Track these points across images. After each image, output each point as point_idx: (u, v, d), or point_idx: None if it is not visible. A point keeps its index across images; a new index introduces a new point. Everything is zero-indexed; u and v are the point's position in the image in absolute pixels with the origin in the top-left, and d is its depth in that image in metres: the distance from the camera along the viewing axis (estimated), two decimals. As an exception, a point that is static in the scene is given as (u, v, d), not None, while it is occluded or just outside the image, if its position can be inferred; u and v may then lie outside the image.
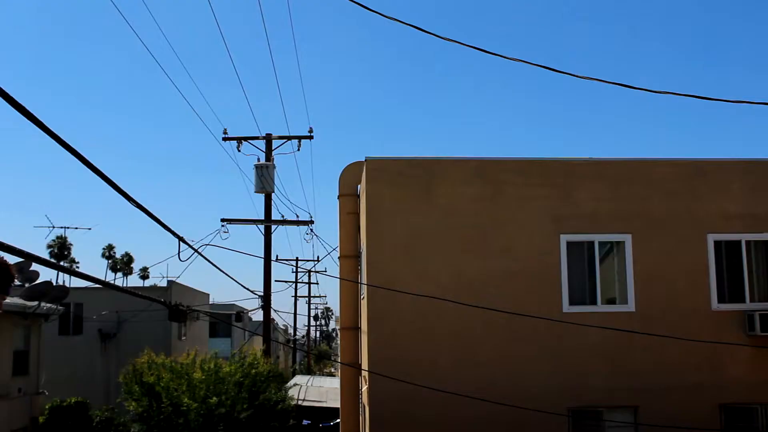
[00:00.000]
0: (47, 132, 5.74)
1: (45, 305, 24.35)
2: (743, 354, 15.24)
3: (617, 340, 14.75)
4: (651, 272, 15.46)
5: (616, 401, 15.16)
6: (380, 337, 15.14)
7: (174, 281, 36.04)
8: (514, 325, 14.66)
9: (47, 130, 5.73)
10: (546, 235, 15.46)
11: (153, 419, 19.82)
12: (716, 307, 15.54)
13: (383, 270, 15.19)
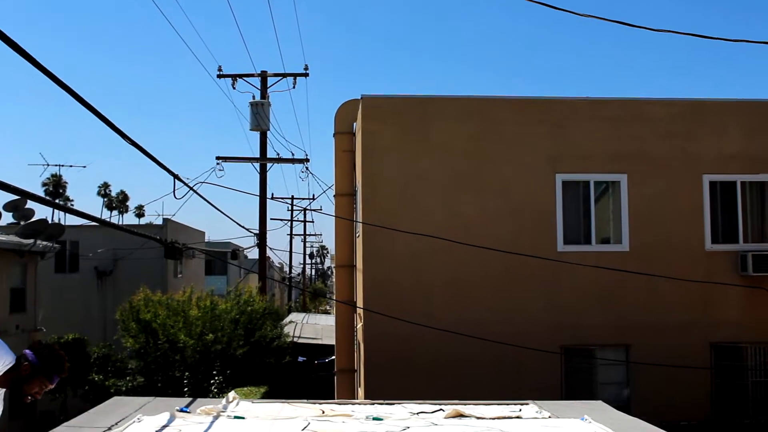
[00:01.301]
0: (37, 66, 5.67)
1: (41, 243, 24.39)
2: (735, 294, 15.37)
3: (611, 279, 14.85)
4: (646, 212, 15.50)
5: (608, 339, 15.33)
6: (375, 275, 15.22)
7: (169, 219, 36.05)
8: (509, 264, 14.73)
9: (37, 64, 5.65)
10: (541, 174, 15.44)
11: (150, 355, 20.03)
12: (710, 247, 15.62)
13: (378, 208, 15.20)
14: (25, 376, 4.39)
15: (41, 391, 4.48)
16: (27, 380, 4.41)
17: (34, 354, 4.45)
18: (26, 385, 4.41)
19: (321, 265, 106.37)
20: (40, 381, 4.45)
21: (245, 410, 9.57)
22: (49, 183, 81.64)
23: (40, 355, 4.47)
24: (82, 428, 8.18)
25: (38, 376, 4.43)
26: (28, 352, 4.44)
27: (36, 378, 4.42)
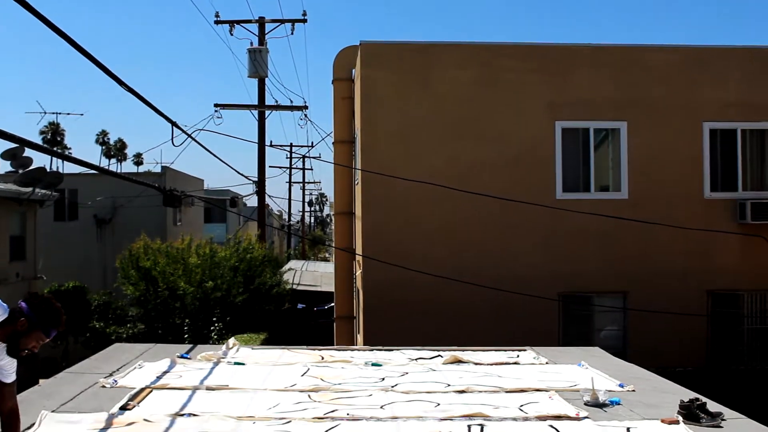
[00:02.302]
0: (32, 12, 5.59)
1: (39, 191, 24.35)
2: (733, 242, 15.42)
3: (609, 227, 14.86)
4: (645, 160, 15.46)
5: (606, 287, 15.40)
6: (374, 223, 15.24)
7: (168, 167, 35.97)
8: (508, 211, 14.73)
9: (32, 10, 5.57)
10: (541, 121, 15.37)
11: (150, 303, 20.15)
12: (709, 195, 15.62)
13: (377, 155, 15.16)
14: (21, 330, 4.35)
15: (38, 345, 4.44)
16: (24, 335, 4.37)
17: (29, 308, 4.38)
18: (23, 339, 4.37)
19: (320, 212, 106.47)
20: (37, 335, 4.40)
21: (245, 356, 9.66)
22: (47, 131, 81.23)
23: (36, 309, 4.40)
24: (84, 374, 8.25)
25: (35, 330, 4.38)
26: (23, 305, 4.37)
27: (33, 332, 4.38)
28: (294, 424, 6.29)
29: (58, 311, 4.44)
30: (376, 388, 7.77)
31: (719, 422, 6.38)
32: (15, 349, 4.38)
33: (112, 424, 6.17)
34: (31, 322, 4.33)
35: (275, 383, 7.90)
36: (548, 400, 7.24)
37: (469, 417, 6.59)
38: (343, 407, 6.87)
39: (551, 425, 6.33)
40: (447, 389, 7.74)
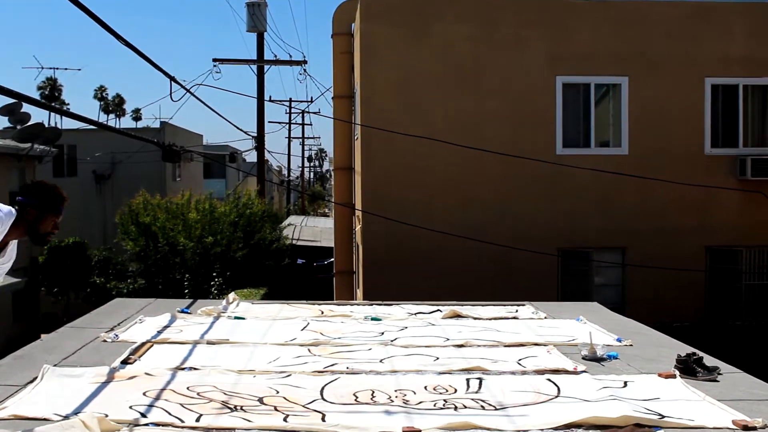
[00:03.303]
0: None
1: (38, 147, 24.29)
2: (732, 198, 15.42)
3: (609, 182, 14.85)
4: (646, 116, 15.40)
5: (605, 242, 15.44)
6: (373, 177, 15.22)
7: (167, 122, 35.81)
8: (508, 166, 14.71)
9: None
10: (542, 76, 15.28)
11: (150, 258, 20.20)
12: (709, 151, 15.59)
13: (377, 110, 15.10)
14: (34, 220, 4.46)
15: (57, 225, 4.56)
16: (38, 222, 4.49)
17: (28, 196, 4.49)
18: (40, 227, 4.48)
19: (319, 168, 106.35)
20: (50, 217, 4.51)
21: (245, 311, 9.70)
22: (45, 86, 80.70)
23: (35, 194, 4.50)
24: (85, 329, 8.30)
25: (45, 214, 4.49)
26: (22, 199, 4.47)
27: (45, 216, 4.49)
28: (294, 378, 6.34)
29: (53, 187, 4.56)
30: (376, 342, 7.81)
31: (716, 376, 6.42)
32: (38, 237, 4.52)
33: (114, 378, 6.22)
34: (38, 207, 4.45)
35: (275, 337, 7.95)
36: (546, 355, 7.29)
37: (467, 371, 6.64)
38: (342, 361, 6.92)
39: (549, 379, 6.38)
40: (446, 343, 7.79)
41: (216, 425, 5.08)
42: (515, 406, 5.64)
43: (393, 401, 5.73)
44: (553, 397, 5.92)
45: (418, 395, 5.90)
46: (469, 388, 6.15)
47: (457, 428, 5.10)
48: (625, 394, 5.91)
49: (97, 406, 5.41)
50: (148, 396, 5.75)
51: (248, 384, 6.10)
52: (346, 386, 6.08)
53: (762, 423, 5.17)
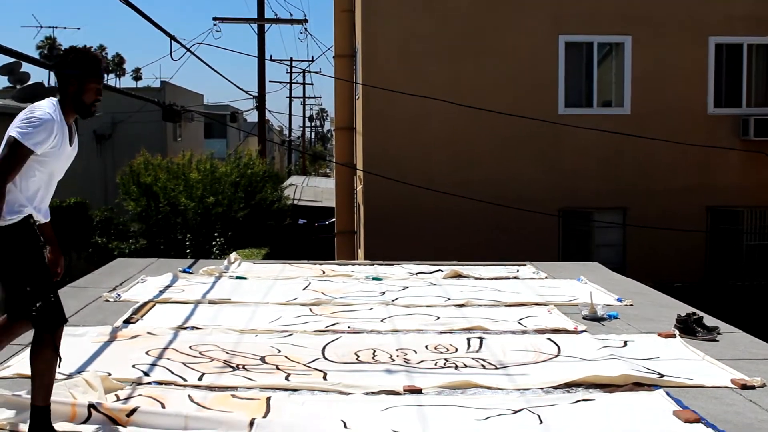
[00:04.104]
0: None
1: (38, 106, 24.16)
2: (734, 158, 15.37)
3: (611, 142, 14.79)
4: (649, 75, 15.29)
5: (606, 202, 15.43)
6: (375, 137, 15.17)
7: (167, 82, 35.59)
8: (509, 126, 14.64)
9: None
10: (544, 35, 15.15)
11: (152, 218, 20.20)
12: (712, 111, 15.51)
13: (378, 70, 15.00)
14: (76, 90, 4.16)
15: (100, 92, 4.24)
16: (81, 93, 4.17)
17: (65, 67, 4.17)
18: (83, 97, 4.17)
19: (320, 128, 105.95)
20: (93, 83, 4.19)
21: (246, 270, 9.74)
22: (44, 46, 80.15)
23: (72, 64, 4.16)
24: (87, 288, 8.34)
25: (87, 81, 4.17)
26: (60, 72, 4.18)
27: (86, 85, 4.17)
28: (295, 337, 6.38)
29: (87, 51, 4.23)
30: (377, 301, 7.86)
31: (715, 336, 6.46)
32: (85, 109, 4.20)
33: (117, 337, 6.26)
34: (78, 76, 4.14)
35: (277, 297, 7.99)
36: (547, 314, 7.33)
37: (468, 330, 6.68)
38: (343, 320, 6.96)
39: (549, 338, 6.42)
40: (447, 303, 7.83)
41: (218, 384, 5.12)
42: (515, 365, 5.68)
43: (394, 360, 5.78)
44: (554, 356, 5.96)
45: (419, 354, 5.94)
46: (469, 347, 6.19)
47: (457, 387, 5.15)
48: (625, 353, 5.95)
49: (100, 365, 5.45)
50: (150, 355, 5.79)
51: (250, 343, 6.14)
52: (348, 345, 6.13)
53: (760, 382, 5.21)
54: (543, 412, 4.67)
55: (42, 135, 3.98)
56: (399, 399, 4.90)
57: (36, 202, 4.14)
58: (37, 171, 4.09)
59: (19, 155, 3.96)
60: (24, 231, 4.04)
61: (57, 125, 4.05)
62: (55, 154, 4.11)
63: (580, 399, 4.92)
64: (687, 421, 4.51)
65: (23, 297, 3.97)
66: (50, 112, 4.05)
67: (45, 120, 4.00)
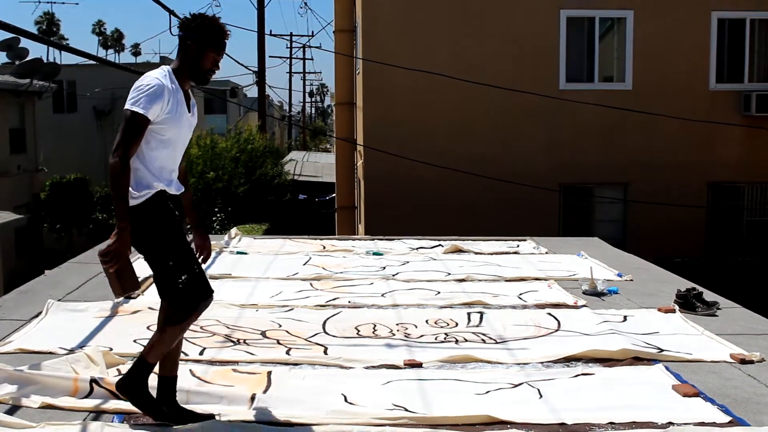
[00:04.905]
0: None
1: (37, 82, 24.12)
2: (736, 134, 15.33)
3: (612, 118, 14.76)
4: (651, 50, 15.21)
5: (607, 178, 15.41)
6: (375, 113, 15.13)
7: (166, 57, 35.54)
8: (510, 101, 14.59)
9: None
10: (546, 10, 15.05)
11: (152, 194, 20.22)
12: (714, 86, 15.44)
13: (379, 44, 14.93)
14: (195, 56, 4.06)
15: (216, 63, 4.15)
16: (199, 59, 4.07)
17: (187, 29, 4.07)
18: (201, 64, 4.08)
19: (321, 103, 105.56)
20: (212, 52, 4.09)
21: (247, 245, 9.75)
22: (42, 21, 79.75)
23: (195, 29, 4.07)
24: (88, 264, 8.35)
25: (206, 49, 4.07)
26: (182, 33, 4.08)
27: (206, 52, 4.07)
28: (296, 312, 6.40)
29: (213, 19, 4.15)
30: (377, 276, 7.87)
31: (714, 311, 6.48)
32: (200, 75, 4.11)
33: (118, 312, 6.28)
34: (197, 40, 4.04)
35: (277, 272, 8.00)
36: (547, 289, 7.35)
37: (468, 305, 6.70)
38: (344, 295, 6.98)
39: (549, 313, 6.44)
40: (447, 278, 7.85)
41: (219, 358, 5.15)
42: (516, 340, 5.70)
43: (394, 335, 5.80)
44: (554, 330, 5.98)
45: (420, 329, 5.96)
46: (470, 322, 6.21)
47: (457, 361, 5.17)
48: (625, 328, 5.97)
49: (102, 340, 5.48)
50: (151, 330, 5.79)
51: (251, 318, 6.16)
52: (348, 320, 6.15)
53: (759, 357, 5.24)
54: (543, 386, 4.69)
55: (154, 101, 3.90)
56: (399, 373, 4.92)
57: (165, 175, 4.04)
58: (157, 141, 3.99)
59: (135, 126, 3.88)
60: (158, 206, 3.96)
61: (168, 90, 3.96)
62: (172, 121, 4.01)
63: (579, 373, 4.94)
64: (686, 395, 4.53)
65: (167, 272, 3.94)
66: (159, 77, 3.98)
67: (153, 85, 3.93)
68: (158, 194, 3.98)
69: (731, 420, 4.19)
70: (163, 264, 3.96)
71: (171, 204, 4.04)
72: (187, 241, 4.06)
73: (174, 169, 4.14)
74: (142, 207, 3.92)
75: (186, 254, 3.99)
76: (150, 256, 3.99)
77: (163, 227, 3.97)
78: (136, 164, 3.95)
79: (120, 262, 3.84)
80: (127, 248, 3.85)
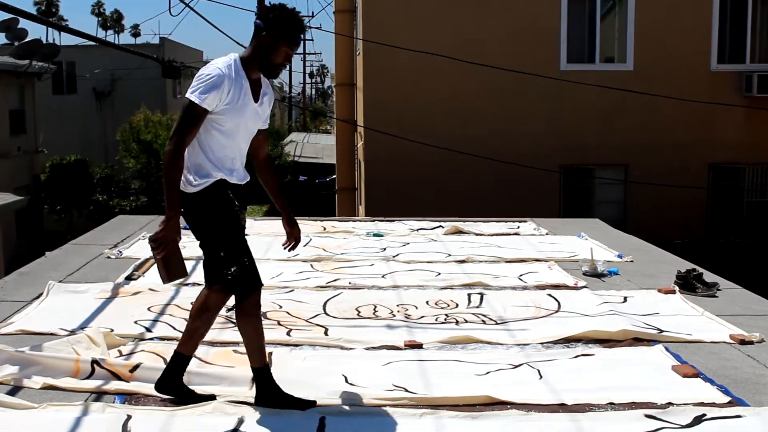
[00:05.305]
0: None
1: (36, 64, 24.03)
2: (737, 115, 15.28)
3: (613, 98, 14.71)
4: (652, 31, 15.14)
5: (607, 159, 15.38)
6: (376, 94, 15.09)
7: (166, 38, 35.35)
8: (511, 82, 14.55)
9: None
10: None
11: (152, 175, 20.22)
12: (715, 67, 15.38)
13: (379, 25, 14.87)
14: (267, 47, 3.98)
15: (289, 59, 4.06)
16: (271, 50, 3.98)
17: (265, 20, 3.98)
18: (272, 57, 3.99)
19: (321, 84, 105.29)
20: (285, 47, 3.99)
21: (248, 227, 9.70)
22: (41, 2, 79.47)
23: (272, 19, 3.98)
24: (89, 245, 8.36)
25: (279, 42, 3.97)
26: (259, 22, 3.98)
27: (279, 45, 3.97)
28: (297, 293, 6.41)
29: (294, 13, 4.04)
30: (378, 257, 7.88)
31: (714, 292, 6.49)
32: (269, 68, 4.05)
33: (118, 294, 6.29)
34: (272, 32, 3.95)
35: (278, 253, 8.00)
36: (547, 270, 7.36)
37: (469, 286, 6.71)
38: (345, 276, 6.99)
39: (550, 294, 6.45)
40: (447, 259, 7.86)
41: (220, 339, 5.16)
42: (516, 321, 5.72)
43: (395, 316, 5.81)
44: (554, 311, 5.99)
45: (420, 310, 5.98)
46: (470, 303, 6.22)
47: (458, 342, 5.18)
48: (625, 309, 5.99)
49: (103, 322, 5.49)
50: (152, 311, 5.83)
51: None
52: (349, 301, 6.16)
53: (759, 337, 5.25)
54: (543, 366, 4.70)
55: (211, 91, 3.85)
56: (400, 354, 4.94)
57: (227, 164, 4.00)
58: (218, 130, 3.95)
59: (191, 115, 3.86)
60: (216, 195, 3.94)
61: (229, 80, 3.90)
62: (233, 111, 3.94)
63: (579, 354, 4.95)
64: (685, 375, 4.54)
65: (218, 262, 3.93)
66: (220, 67, 3.93)
67: (213, 75, 3.88)
68: (217, 183, 3.96)
69: (730, 400, 4.21)
70: (215, 253, 3.96)
71: (231, 194, 4.01)
72: (242, 233, 4.03)
73: (236, 157, 4.08)
74: (200, 195, 3.92)
75: (238, 246, 3.97)
76: (203, 243, 3.99)
77: (218, 217, 3.95)
78: (196, 152, 3.94)
79: (167, 250, 3.85)
80: (174, 236, 3.84)
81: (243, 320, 4.01)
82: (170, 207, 3.82)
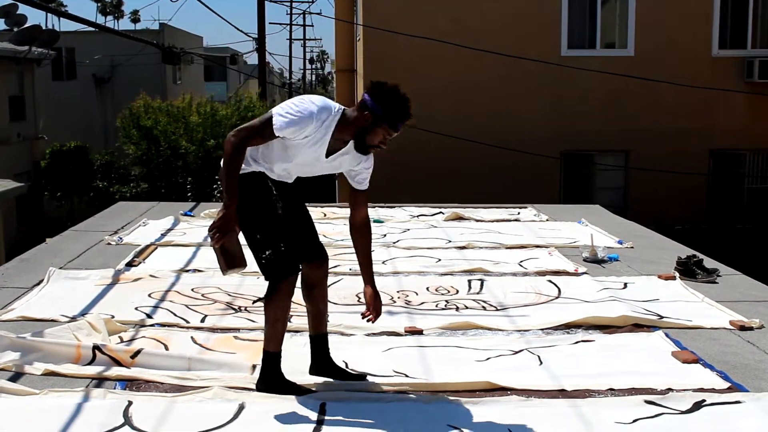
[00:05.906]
0: None
1: (36, 50, 23.96)
2: (738, 101, 15.26)
3: (614, 84, 14.68)
4: (653, 16, 15.09)
5: (608, 145, 15.37)
6: (376, 80, 15.04)
7: (166, 24, 35.24)
8: (512, 68, 14.52)
9: None
10: (548, -25, 14.94)
11: (152, 162, 20.16)
12: (716, 53, 15.35)
13: (379, 11, 14.83)
14: (367, 126, 3.89)
15: (386, 141, 3.98)
16: (369, 130, 3.90)
17: (373, 100, 3.88)
18: (368, 136, 3.91)
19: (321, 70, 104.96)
20: (383, 129, 3.89)
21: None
22: (40, -13, 79.09)
23: (380, 100, 3.87)
24: (89, 232, 8.36)
25: (380, 124, 3.88)
26: (367, 98, 3.90)
27: (378, 127, 3.88)
28: (297, 280, 6.41)
29: (404, 101, 3.92)
30: (378, 244, 7.87)
31: (715, 278, 6.49)
32: (363, 145, 3.98)
33: (119, 280, 6.29)
34: (375, 115, 3.85)
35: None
36: (547, 256, 7.35)
37: (469, 272, 6.71)
38: (345, 262, 6.99)
39: (550, 280, 6.45)
40: (448, 245, 7.86)
41: (221, 326, 5.17)
42: (516, 307, 5.72)
43: (395, 302, 5.82)
44: (554, 298, 5.99)
45: (420, 296, 5.98)
46: (470, 289, 6.22)
47: (458, 328, 5.19)
48: (625, 295, 5.99)
49: (104, 308, 5.49)
50: (153, 297, 5.83)
51: (252, 285, 6.17)
52: (349, 287, 6.16)
53: (759, 323, 5.25)
54: (543, 352, 4.71)
55: (293, 126, 3.80)
56: (400, 340, 4.94)
57: (273, 168, 3.99)
58: (279, 150, 3.93)
59: (265, 131, 3.83)
60: (256, 180, 3.94)
61: (314, 127, 3.84)
62: (301, 147, 3.90)
63: (579, 340, 4.96)
64: (685, 361, 4.55)
65: (254, 245, 3.93)
66: (318, 110, 3.85)
67: (304, 117, 3.81)
68: (258, 173, 3.96)
69: (730, 386, 4.21)
70: (252, 236, 3.96)
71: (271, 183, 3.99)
72: (280, 218, 3.97)
73: (284, 176, 4.08)
74: (240, 179, 3.88)
75: (274, 230, 3.94)
76: (242, 226, 3.97)
77: (256, 200, 3.94)
78: (253, 156, 3.94)
79: (224, 239, 3.82)
80: (231, 225, 3.81)
81: (272, 303, 3.95)
82: (228, 196, 3.80)
